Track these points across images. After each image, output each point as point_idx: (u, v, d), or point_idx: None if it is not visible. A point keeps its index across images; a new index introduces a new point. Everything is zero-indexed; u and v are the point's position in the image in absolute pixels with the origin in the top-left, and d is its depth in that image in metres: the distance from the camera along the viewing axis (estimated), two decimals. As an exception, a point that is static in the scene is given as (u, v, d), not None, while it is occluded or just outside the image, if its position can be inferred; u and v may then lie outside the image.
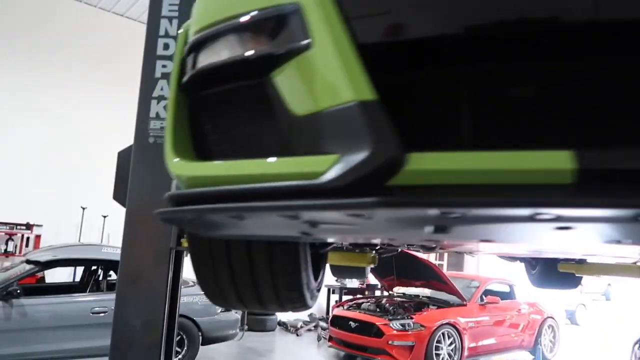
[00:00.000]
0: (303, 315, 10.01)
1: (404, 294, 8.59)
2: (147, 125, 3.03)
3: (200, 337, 6.37)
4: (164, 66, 3.03)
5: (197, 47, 1.08)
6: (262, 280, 1.49)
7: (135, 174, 3.05)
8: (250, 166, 0.88)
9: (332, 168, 0.73)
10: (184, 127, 1.14)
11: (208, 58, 1.04)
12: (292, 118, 0.87)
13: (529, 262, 4.37)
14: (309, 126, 0.83)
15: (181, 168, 1.03)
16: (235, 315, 6.92)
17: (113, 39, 9.59)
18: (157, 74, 3.04)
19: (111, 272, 6.33)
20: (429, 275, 7.47)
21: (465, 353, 7.40)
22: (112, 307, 5.65)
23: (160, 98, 3.01)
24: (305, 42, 0.83)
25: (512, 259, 4.45)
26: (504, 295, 8.59)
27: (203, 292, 1.63)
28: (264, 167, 0.86)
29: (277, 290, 1.52)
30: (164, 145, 1.25)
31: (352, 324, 7.26)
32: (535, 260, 4.25)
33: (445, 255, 12.54)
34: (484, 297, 8.08)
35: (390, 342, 6.85)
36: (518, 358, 8.65)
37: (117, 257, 5.93)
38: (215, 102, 1.08)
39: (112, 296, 5.77)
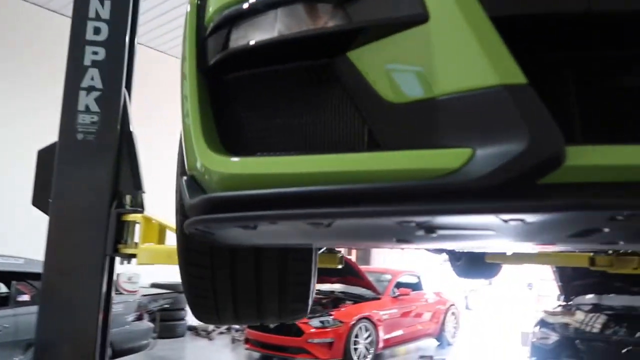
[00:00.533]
0: (213, 318, 9.68)
1: (319, 290, 8.64)
2: (75, 119, 2.69)
3: (111, 351, 5.89)
4: (95, 53, 2.71)
5: (231, 22, 0.92)
6: (268, 291, 1.36)
7: (61, 175, 2.70)
8: (336, 162, 0.76)
9: (468, 164, 0.64)
10: (209, 117, 0.99)
11: (250, 35, 0.89)
12: (381, 105, 0.75)
13: (454, 254, 4.56)
14: (412, 115, 0.72)
15: (224, 165, 0.88)
16: (148, 323, 6.50)
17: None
18: (87, 62, 2.70)
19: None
20: (346, 271, 7.57)
21: (381, 345, 7.62)
22: (6, 325, 5.08)
23: (91, 89, 2.69)
24: (411, 12, 0.70)
25: (439, 251, 4.63)
26: (413, 287, 8.97)
27: (190, 306, 1.45)
28: (356, 163, 0.75)
29: (282, 302, 1.39)
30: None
31: (271, 324, 7.14)
32: (461, 252, 4.45)
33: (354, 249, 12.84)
34: (395, 289, 8.37)
35: (309, 340, 6.85)
36: (425, 345, 9.08)
37: (7, 268, 5.32)
38: (261, 86, 0.94)
39: (3, 312, 5.16)
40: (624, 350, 5.32)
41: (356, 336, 7.15)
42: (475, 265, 4.45)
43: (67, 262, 2.68)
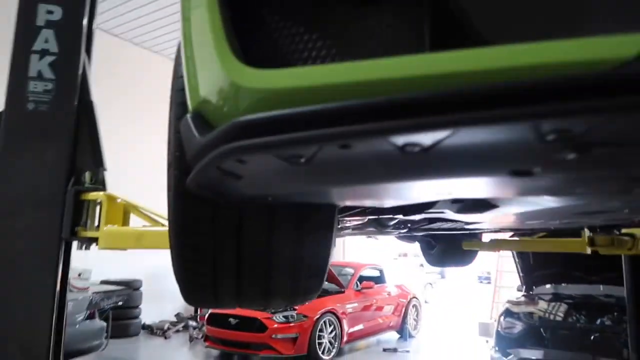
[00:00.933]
0: (169, 315, 9.28)
1: (281, 285, 8.40)
2: (25, 87, 2.35)
3: (60, 352, 5.45)
4: (49, 12, 2.38)
5: None
6: (281, 265, 1.13)
7: (7, 149, 2.36)
8: (432, 63, 0.55)
9: None
10: (229, 28, 0.76)
11: None
12: None
13: (427, 242, 4.44)
14: None
15: (263, 78, 0.64)
16: (101, 322, 6.08)
17: None
18: (40, 22, 2.37)
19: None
20: (310, 264, 7.38)
21: (345, 339, 7.47)
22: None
23: (45, 52, 2.36)
24: None
25: (411, 239, 4.51)
26: (376, 280, 8.88)
27: (181, 287, 1.19)
28: (461, 61, 0.54)
29: (296, 279, 1.17)
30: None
31: (232, 321, 6.85)
32: (435, 240, 4.33)
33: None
34: (358, 283, 8.24)
35: (273, 335, 6.61)
36: (386, 338, 9.01)
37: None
38: None
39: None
40: (592, 337, 5.37)
41: (320, 330, 6.97)
42: (450, 253, 4.34)
43: (16, 248, 2.35)
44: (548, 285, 7.14)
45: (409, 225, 2.43)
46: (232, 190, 0.83)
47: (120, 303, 7.10)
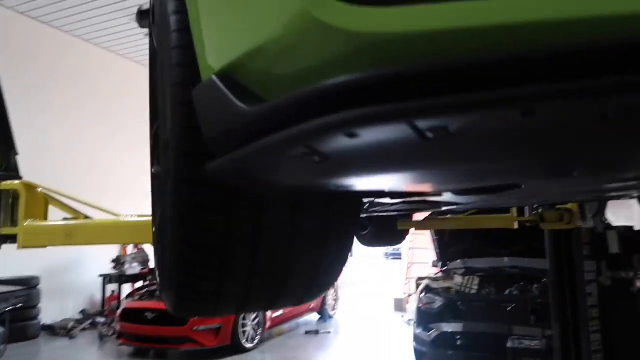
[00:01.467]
0: (73, 313, 8.56)
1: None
2: None
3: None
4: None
5: None
6: (303, 263, 0.94)
7: None
8: None
9: None
10: None
11: None
12: None
13: (360, 223, 4.39)
14: None
15: (372, 18, 0.45)
16: (-2, 327, 5.42)
17: None
18: None
19: None
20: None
21: (268, 324, 7.33)
22: None
23: None
24: None
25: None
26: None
27: (174, 295, 0.94)
28: None
29: (316, 278, 0.98)
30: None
31: (149, 315, 6.42)
32: (368, 221, 4.28)
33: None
34: (279, 267, 8.11)
35: (195, 328, 6.29)
36: (307, 321, 8.99)
37: None
38: None
39: None
40: (508, 308, 5.67)
41: (244, 318, 6.75)
42: (383, 233, 4.32)
43: None
44: (459, 261, 7.47)
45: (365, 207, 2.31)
46: (292, 178, 0.63)
47: (19, 305, 6.37)
